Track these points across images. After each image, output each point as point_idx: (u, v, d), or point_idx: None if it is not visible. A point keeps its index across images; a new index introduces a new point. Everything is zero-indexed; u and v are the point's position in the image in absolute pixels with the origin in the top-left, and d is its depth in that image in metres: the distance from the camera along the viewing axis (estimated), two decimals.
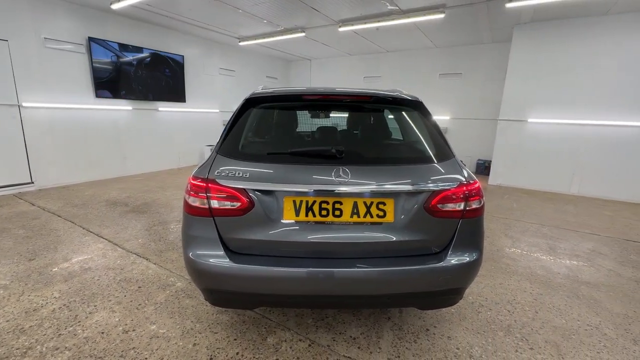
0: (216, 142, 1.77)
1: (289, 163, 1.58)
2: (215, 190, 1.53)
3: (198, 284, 1.65)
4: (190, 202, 1.58)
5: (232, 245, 1.57)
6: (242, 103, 1.82)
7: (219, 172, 1.55)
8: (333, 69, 9.41)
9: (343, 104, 1.88)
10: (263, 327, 1.96)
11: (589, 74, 5.29)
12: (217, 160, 1.61)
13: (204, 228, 1.57)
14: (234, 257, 1.53)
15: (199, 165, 1.72)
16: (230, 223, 1.54)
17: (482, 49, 7.22)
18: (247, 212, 1.51)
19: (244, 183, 1.51)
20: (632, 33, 4.92)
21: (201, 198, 1.55)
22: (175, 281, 2.46)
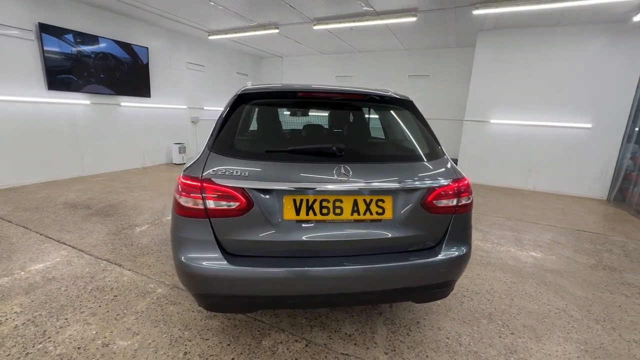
0: (207, 139, 1.68)
1: (289, 161, 1.54)
2: (211, 190, 1.45)
3: (191, 289, 1.57)
4: (183, 203, 1.49)
5: (229, 247, 1.50)
6: (234, 98, 1.75)
7: (215, 171, 1.48)
8: (305, 67, 9.39)
9: (337, 102, 1.88)
10: (256, 330, 1.91)
11: (542, 79, 5.78)
12: (211, 159, 1.53)
13: (199, 230, 1.49)
14: (232, 260, 1.47)
15: (188, 163, 1.62)
16: (227, 224, 1.48)
17: (448, 53, 7.60)
18: (246, 212, 1.46)
19: (242, 182, 1.45)
20: (578, 43, 5.45)
21: (195, 198, 1.47)
22: (156, 287, 2.31)
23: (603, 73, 5.37)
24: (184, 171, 1.57)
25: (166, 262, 2.69)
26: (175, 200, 1.55)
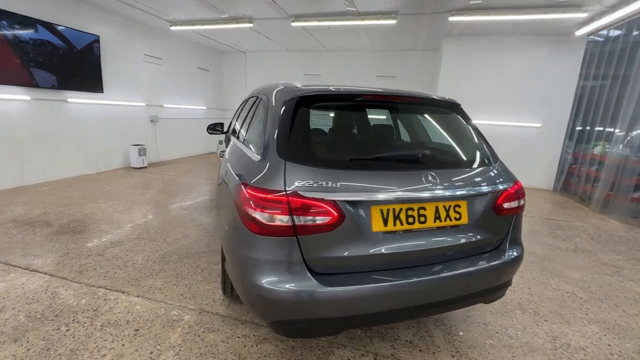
0: (267, 146, 1.50)
1: (374, 169, 1.45)
2: (299, 205, 1.30)
3: (272, 317, 1.39)
4: (263, 220, 1.31)
5: (316, 266, 1.36)
6: (290, 101, 1.58)
7: (301, 183, 1.32)
8: (271, 64, 9.09)
9: (396, 105, 1.82)
10: (317, 349, 1.78)
11: (501, 82, 6.39)
12: (291, 169, 1.36)
13: (283, 249, 1.33)
14: (322, 280, 1.34)
15: (257, 175, 1.42)
16: (316, 241, 1.34)
17: (413, 55, 7.98)
18: (337, 227, 1.34)
19: (334, 194, 1.32)
20: (530, 51, 6.13)
21: (280, 215, 1.30)
22: (181, 314, 2.02)
23: (549, 78, 6.13)
24: (254, 183, 1.38)
25: (178, 283, 2.38)
26: (244, 216, 1.36)
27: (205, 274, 2.53)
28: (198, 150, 8.90)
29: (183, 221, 3.67)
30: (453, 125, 1.85)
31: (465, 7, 4.76)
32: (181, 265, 2.65)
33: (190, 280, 2.43)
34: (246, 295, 1.44)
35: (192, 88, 8.33)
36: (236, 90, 9.57)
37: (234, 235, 1.49)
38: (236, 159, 1.91)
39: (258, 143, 1.72)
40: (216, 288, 2.34)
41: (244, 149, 1.89)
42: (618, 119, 4.87)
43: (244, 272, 1.40)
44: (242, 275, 1.43)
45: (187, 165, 7.22)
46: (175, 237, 3.21)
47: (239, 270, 1.45)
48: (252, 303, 1.43)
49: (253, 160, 1.59)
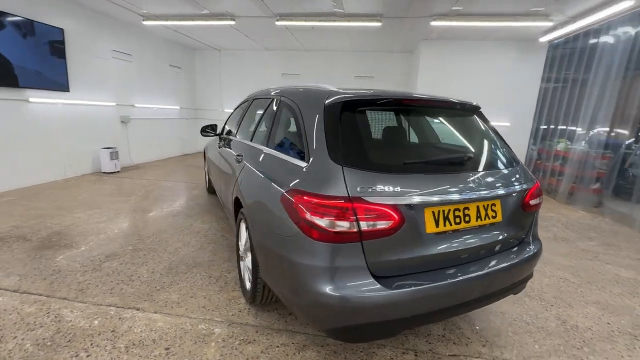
0: (315, 151, 1.48)
1: (425, 172, 1.50)
2: (364, 210, 1.30)
3: (333, 324, 1.38)
4: (329, 228, 1.30)
5: (377, 270, 1.38)
6: (335, 105, 1.58)
7: (363, 188, 1.33)
8: (247, 63, 8.86)
9: (430, 109, 1.88)
10: (359, 351, 1.80)
11: (474, 83, 6.79)
12: (350, 174, 1.36)
13: (348, 255, 1.33)
14: (384, 283, 1.36)
15: (314, 182, 1.40)
16: (378, 245, 1.35)
17: (389, 57, 8.22)
18: (398, 230, 1.36)
19: (394, 198, 1.35)
20: (499, 55, 6.59)
21: (345, 221, 1.30)
22: (210, 328, 1.93)
23: (516, 80, 6.63)
24: (313, 190, 1.36)
25: (195, 295, 2.26)
26: (303, 224, 1.34)
27: (220, 283, 2.43)
28: (172, 152, 8.45)
29: (178, 228, 3.48)
30: (477, 128, 1.95)
31: (447, 12, 5.00)
32: (192, 276, 2.52)
33: (207, 291, 2.33)
34: (304, 304, 1.41)
35: (164, 87, 7.88)
36: (211, 90, 9.22)
37: (285, 244, 1.46)
38: (270, 165, 1.86)
39: (297, 149, 1.69)
40: (237, 297, 2.26)
41: (278, 155, 1.84)
42: (579, 118, 5.41)
43: (302, 281, 1.38)
44: (298, 284, 1.40)
45: (164, 168, 6.83)
46: (176, 247, 3.03)
47: (295, 279, 1.42)
48: (311, 311, 1.42)
49: (299, 167, 1.56)
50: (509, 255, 1.71)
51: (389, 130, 1.93)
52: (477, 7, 4.74)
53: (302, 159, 1.59)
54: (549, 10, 4.77)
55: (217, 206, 4.33)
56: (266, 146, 2.08)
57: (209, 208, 4.24)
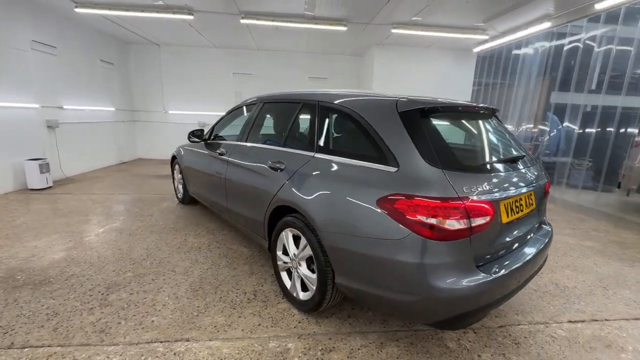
0: (402, 156, 1.57)
1: (499, 171, 1.70)
2: (472, 208, 1.44)
3: (443, 315, 1.50)
4: (446, 227, 1.40)
5: (476, 260, 1.54)
6: (414, 111, 1.69)
7: (467, 188, 1.47)
8: (193, 60, 8.21)
9: (473, 114, 2.10)
10: (431, 338, 1.94)
11: (417, 85, 7.50)
12: (452, 176, 1.49)
13: (458, 251, 1.45)
14: (483, 270, 1.53)
15: (418, 185, 1.48)
16: (478, 238, 1.51)
17: (341, 59, 8.55)
18: (491, 223, 1.54)
19: (490, 195, 1.52)
20: (440, 60, 7.45)
21: (460, 219, 1.42)
22: (281, 344, 1.84)
23: (453, 83, 7.56)
24: (419, 192, 1.45)
25: (242, 313, 2.11)
26: (417, 225, 1.43)
27: (261, 298, 2.31)
28: (108, 161, 7.36)
29: (174, 246, 3.13)
30: (500, 129, 2.25)
31: (406, 22, 5.47)
32: (224, 295, 2.33)
33: (251, 308, 2.19)
34: (413, 300, 1.49)
35: (95, 85, 6.80)
36: (150, 89, 8.28)
37: (390, 246, 1.51)
38: (341, 172, 1.84)
39: (371, 155, 1.74)
40: (287, 309, 2.19)
41: (349, 161, 1.83)
42: (508, 116, 6.50)
43: (415, 279, 1.46)
44: (410, 283, 1.48)
45: (107, 180, 5.93)
46: (184, 266, 2.74)
47: (404, 278, 1.49)
48: (421, 307, 1.50)
49: (387, 172, 1.61)
50: (541, 234, 2.06)
51: (458, 134, 2.10)
52: (433, 19, 5.31)
53: (384, 163, 1.65)
54: (486, 26, 5.61)
55: (203, 217, 4.00)
56: (320, 153, 2.05)
57: (195, 220, 3.89)
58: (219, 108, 8.50)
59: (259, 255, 3.00)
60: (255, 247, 3.17)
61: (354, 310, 2.21)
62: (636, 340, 2.02)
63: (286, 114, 2.57)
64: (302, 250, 2.05)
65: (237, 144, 2.94)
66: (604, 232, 4.07)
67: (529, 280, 1.90)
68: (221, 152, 3.10)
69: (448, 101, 1.89)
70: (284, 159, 2.26)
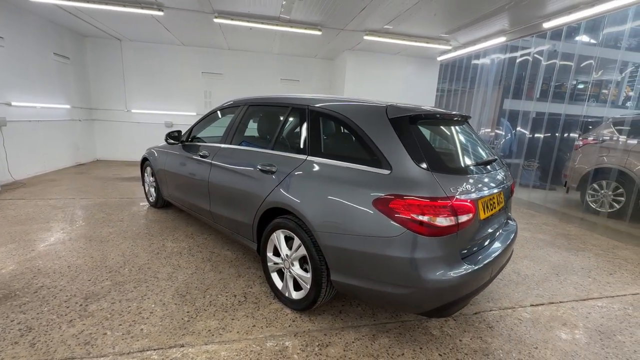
0: (395, 159, 1.70)
1: (476, 173, 1.89)
2: (459, 207, 1.61)
3: (435, 304, 1.65)
4: (437, 224, 1.55)
5: (461, 254, 1.70)
6: (403, 118, 1.83)
7: (454, 189, 1.63)
8: (158, 58, 7.84)
9: (451, 120, 2.29)
10: (417, 328, 2.09)
11: (386, 89, 7.84)
12: (439, 177, 1.64)
13: (449, 244, 1.61)
14: (467, 262, 1.70)
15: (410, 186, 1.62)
16: (464, 233, 1.67)
17: (313, 62, 8.66)
18: (473, 220, 1.72)
19: (471, 195, 1.70)
20: (407, 67, 7.85)
21: (449, 217, 1.57)
22: (280, 342, 1.88)
23: (418, 88, 8.00)
24: (412, 193, 1.58)
25: (235, 315, 2.12)
26: (410, 223, 1.56)
27: (252, 299, 2.33)
28: (64, 163, 6.79)
29: (152, 252, 3.02)
30: (472, 134, 2.48)
31: (378, 29, 5.72)
32: (214, 299, 2.31)
33: (243, 310, 2.20)
34: (406, 293, 1.62)
35: (49, 81, 6.25)
36: (110, 86, 7.77)
37: (386, 243, 1.62)
38: (335, 174, 1.91)
39: (363, 158, 1.85)
40: (279, 309, 2.23)
41: (343, 164, 1.91)
42: None
43: (409, 273, 1.59)
44: (404, 276, 1.60)
45: (64, 183, 5.48)
46: (167, 272, 2.66)
47: (399, 272, 1.61)
48: (413, 298, 1.63)
49: (381, 174, 1.73)
50: (509, 229, 2.31)
51: (439, 139, 2.27)
52: (403, 28, 5.60)
53: (377, 166, 1.77)
54: (449, 37, 6.03)
55: (179, 220, 3.87)
56: (312, 156, 2.11)
57: (171, 224, 3.76)
58: (187, 108, 8.22)
59: (244, 258, 2.99)
60: (239, 250, 3.16)
61: (345, 306, 2.31)
62: (585, 318, 2.34)
63: (273, 118, 2.60)
64: (296, 251, 2.11)
65: (221, 146, 2.90)
66: (552, 226, 4.58)
67: (500, 270, 2.13)
68: (203, 154, 3.05)
69: (430, 108, 2.06)
70: (274, 162, 2.30)
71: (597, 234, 4.28)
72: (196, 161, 3.14)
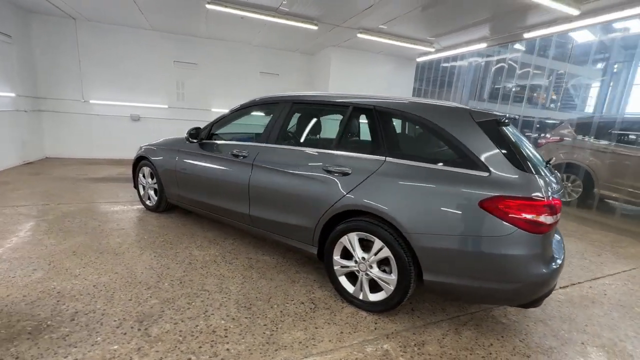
0: (494, 162, 1.80)
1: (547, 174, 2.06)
2: (556, 205, 1.75)
3: (534, 296, 1.78)
4: (547, 222, 1.68)
5: None
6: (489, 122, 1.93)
7: (549, 189, 1.77)
8: (123, 42, 6.98)
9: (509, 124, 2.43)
10: (490, 319, 2.24)
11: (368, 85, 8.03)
12: (538, 179, 1.76)
13: (547, 242, 1.75)
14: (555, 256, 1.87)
15: (515, 188, 1.71)
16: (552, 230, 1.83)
17: (292, 56, 8.47)
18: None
19: (556, 194, 1.85)
20: (388, 65, 8.11)
21: (550, 215, 1.70)
22: (378, 346, 1.87)
23: (397, 85, 8.34)
24: (521, 194, 1.68)
25: (317, 324, 2.04)
26: (524, 222, 1.66)
27: (321, 305, 2.26)
28: (11, 161, 5.75)
29: (181, 262, 2.74)
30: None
31: (373, 28, 5.81)
32: (283, 308, 2.19)
33: (320, 316, 2.13)
34: (511, 288, 1.73)
35: None
36: (63, 73, 6.72)
37: (495, 242, 1.70)
38: (430, 177, 1.93)
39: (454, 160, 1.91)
40: (354, 313, 2.19)
41: (434, 167, 1.93)
42: None
43: (517, 268, 1.70)
44: (511, 272, 1.71)
45: (23, 187, 4.64)
46: (215, 283, 2.44)
47: (505, 269, 1.71)
48: (518, 292, 1.75)
49: (480, 176, 1.79)
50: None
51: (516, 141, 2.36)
52: (396, 29, 5.77)
53: (473, 169, 1.83)
54: (434, 40, 6.38)
55: (192, 225, 3.56)
56: (391, 157, 2.10)
57: (184, 230, 3.43)
58: (158, 100, 7.50)
59: (286, 263, 2.87)
60: (277, 254, 3.02)
61: (414, 304, 2.36)
62: (604, 295, 2.72)
63: (329, 117, 2.53)
64: (376, 254, 2.09)
65: (265, 146, 2.72)
66: None
67: None
68: (239, 154, 2.83)
69: (500, 112, 2.18)
70: (346, 164, 2.24)
71: (571, 222, 4.95)
72: (228, 161, 2.90)
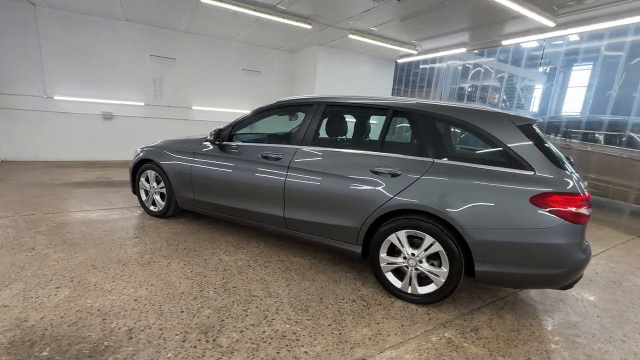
0: (539, 162, 2.02)
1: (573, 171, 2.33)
2: (589, 199, 2.01)
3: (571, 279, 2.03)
4: (584, 213, 1.93)
5: None
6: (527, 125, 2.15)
7: (583, 185, 2.03)
8: (91, 33, 6.36)
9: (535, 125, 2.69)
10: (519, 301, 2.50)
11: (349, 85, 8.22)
12: (573, 176, 2.01)
13: (584, 232, 2.02)
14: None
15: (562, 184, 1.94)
16: None
17: (273, 53, 8.35)
18: None
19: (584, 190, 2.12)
20: (370, 65, 8.34)
21: (588, 208, 1.96)
22: (440, 335, 2.01)
23: (376, 85, 8.64)
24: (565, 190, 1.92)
25: (377, 319, 2.13)
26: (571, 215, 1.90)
27: (371, 301, 2.35)
28: None
29: (216, 269, 2.66)
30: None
31: (364, 30, 5.95)
32: (338, 307, 2.25)
33: (376, 312, 2.22)
34: (558, 273, 1.96)
35: None
36: (19, 67, 5.97)
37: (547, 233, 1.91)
38: (481, 176, 2.09)
39: (499, 161, 2.10)
40: (404, 307, 2.30)
41: (481, 167, 2.10)
42: None
43: (563, 256, 1.94)
44: (558, 259, 1.94)
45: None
46: (259, 288, 2.42)
47: (553, 257, 1.94)
48: (562, 276, 1.99)
49: (528, 175, 2.01)
50: None
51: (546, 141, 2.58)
52: (386, 32, 5.98)
53: (519, 168, 2.03)
54: (417, 43, 6.71)
55: (209, 230, 3.43)
56: (439, 159, 2.24)
57: (202, 235, 3.30)
58: (133, 97, 6.98)
59: (320, 264, 2.91)
60: (308, 255, 3.04)
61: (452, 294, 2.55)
62: (596, 274, 3.14)
63: (368, 120, 2.60)
64: (426, 249, 2.23)
65: (301, 148, 2.72)
66: None
67: None
68: (270, 156, 2.80)
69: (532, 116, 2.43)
70: (394, 165, 2.34)
71: None
72: (258, 163, 2.86)
